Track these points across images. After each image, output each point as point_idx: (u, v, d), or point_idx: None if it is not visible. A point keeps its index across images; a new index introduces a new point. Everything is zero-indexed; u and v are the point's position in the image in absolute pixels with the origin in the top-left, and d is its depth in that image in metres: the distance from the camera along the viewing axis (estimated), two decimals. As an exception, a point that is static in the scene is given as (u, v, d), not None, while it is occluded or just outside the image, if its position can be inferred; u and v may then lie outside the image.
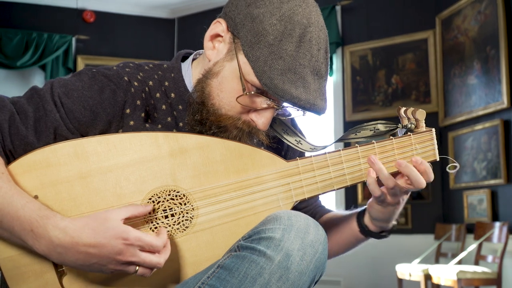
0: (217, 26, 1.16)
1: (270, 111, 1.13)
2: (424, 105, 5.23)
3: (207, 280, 0.98)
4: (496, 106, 4.40)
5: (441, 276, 4.02)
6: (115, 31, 6.56)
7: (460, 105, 4.87)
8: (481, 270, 3.93)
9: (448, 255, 4.68)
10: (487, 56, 4.57)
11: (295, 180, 1.13)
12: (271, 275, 0.95)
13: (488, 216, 4.50)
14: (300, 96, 1.07)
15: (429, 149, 1.17)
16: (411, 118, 1.20)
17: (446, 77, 5.12)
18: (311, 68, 1.09)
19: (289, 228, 0.98)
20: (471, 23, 4.80)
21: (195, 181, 1.10)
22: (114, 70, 1.14)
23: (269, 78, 1.06)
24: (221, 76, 1.13)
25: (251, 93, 1.10)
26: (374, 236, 1.26)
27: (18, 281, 1.04)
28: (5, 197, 0.97)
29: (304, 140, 1.25)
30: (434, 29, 5.27)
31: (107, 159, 1.07)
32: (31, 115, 1.06)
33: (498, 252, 4.07)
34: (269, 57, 1.06)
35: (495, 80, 4.45)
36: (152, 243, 0.97)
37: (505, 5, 4.41)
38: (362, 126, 1.22)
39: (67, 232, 0.95)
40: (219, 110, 1.13)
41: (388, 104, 5.43)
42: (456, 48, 4.99)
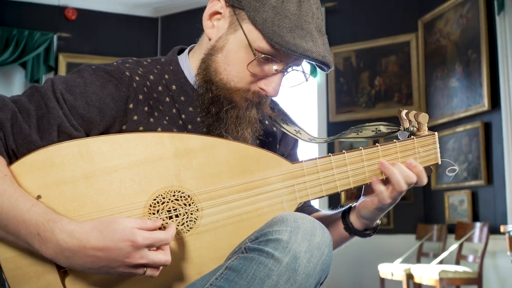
0: (215, 4, 1.17)
1: (278, 76, 1.15)
2: (407, 107, 5.30)
3: (216, 282, 0.98)
4: (477, 109, 4.48)
5: (423, 275, 4.07)
6: (97, 29, 6.49)
7: (442, 107, 4.95)
8: (462, 269, 4.00)
9: (430, 255, 4.75)
10: (468, 59, 4.65)
11: (300, 182, 1.14)
12: (279, 277, 0.95)
13: (468, 216, 4.58)
14: (312, 49, 1.10)
15: (432, 153, 1.19)
16: (412, 120, 1.22)
17: (428, 80, 5.19)
18: (315, 25, 1.13)
19: (296, 230, 0.99)
20: (453, 26, 4.87)
21: (200, 182, 1.10)
22: (114, 65, 1.14)
23: (280, 36, 1.08)
24: (226, 50, 1.14)
25: (261, 58, 1.11)
26: (359, 234, 1.26)
27: (20, 282, 1.03)
28: (10, 201, 0.95)
29: (303, 130, 1.27)
30: (417, 32, 5.34)
31: (112, 159, 1.06)
32: (34, 113, 1.04)
33: (478, 252, 4.14)
34: (276, 17, 1.09)
35: (476, 83, 4.53)
36: (161, 237, 0.97)
37: (486, 9, 4.49)
38: (364, 126, 1.23)
39: (74, 235, 0.94)
40: (228, 84, 1.14)
41: (371, 106, 5.48)
42: (438, 51, 5.06)
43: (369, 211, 1.20)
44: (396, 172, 1.14)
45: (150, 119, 1.14)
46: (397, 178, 1.14)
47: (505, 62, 4.26)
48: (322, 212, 1.36)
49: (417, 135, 1.20)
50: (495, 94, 4.38)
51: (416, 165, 1.16)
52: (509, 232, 3.50)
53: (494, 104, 4.37)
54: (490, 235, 4.09)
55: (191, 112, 1.19)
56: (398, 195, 1.15)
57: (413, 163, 1.16)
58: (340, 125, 5.57)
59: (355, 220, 1.24)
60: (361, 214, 1.22)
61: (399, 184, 1.14)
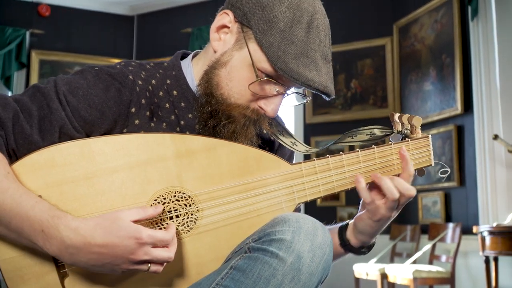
0: (224, 17, 1.17)
1: (279, 98, 1.16)
2: (381, 109, 5.39)
3: (221, 281, 0.99)
4: (450, 112, 4.59)
5: (397, 275, 4.14)
6: (71, 26, 6.40)
7: (416, 110, 5.04)
8: (435, 269, 4.08)
9: (403, 255, 4.83)
10: (442, 63, 4.76)
11: (298, 183, 1.15)
12: (284, 276, 0.97)
13: (441, 217, 4.68)
14: (314, 79, 1.11)
15: (425, 155, 1.22)
16: (405, 123, 1.25)
17: (403, 83, 5.29)
18: (321, 53, 1.13)
19: (298, 230, 1.00)
20: (428, 31, 4.98)
21: (200, 182, 1.10)
22: (117, 68, 1.13)
23: (284, 62, 1.09)
24: (230, 66, 1.14)
25: (263, 79, 1.12)
26: (354, 251, 1.26)
27: (19, 283, 1.02)
28: (14, 198, 0.94)
29: (299, 142, 1.28)
30: (392, 36, 5.44)
31: (113, 160, 1.06)
32: (35, 114, 1.04)
33: (451, 252, 4.24)
34: (282, 42, 1.10)
35: (449, 87, 4.63)
36: (164, 238, 0.98)
37: (460, 15, 4.60)
38: (359, 130, 1.26)
39: (79, 232, 0.94)
40: (228, 100, 1.15)
41: (347, 108, 5.55)
42: (412, 55, 5.16)
43: (365, 224, 1.19)
44: (387, 181, 1.14)
45: (151, 124, 1.14)
46: (388, 185, 1.13)
47: (478, 66, 4.37)
48: None
49: (411, 138, 1.23)
50: (468, 98, 4.49)
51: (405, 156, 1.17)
52: (482, 233, 3.60)
53: (467, 108, 4.48)
54: (462, 236, 4.18)
55: (190, 118, 1.19)
56: (393, 204, 1.14)
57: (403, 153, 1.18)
58: (317, 127, 5.63)
59: (352, 237, 1.24)
60: (358, 228, 1.21)
61: (391, 192, 1.13)
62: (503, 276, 3.96)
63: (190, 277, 1.10)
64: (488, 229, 3.53)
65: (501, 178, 4.17)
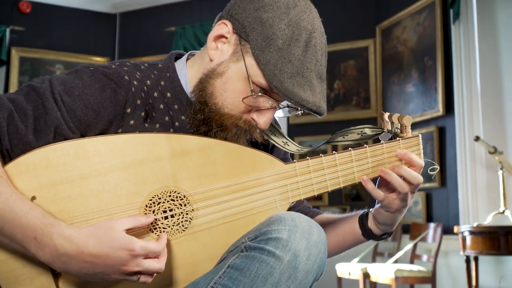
0: (222, 27, 1.17)
1: (271, 111, 1.17)
2: (364, 110, 5.44)
3: (219, 280, 0.99)
4: (432, 114, 4.65)
5: (379, 274, 4.18)
6: (52, 23, 6.32)
7: (398, 111, 5.09)
8: (416, 268, 4.13)
9: (385, 255, 4.88)
10: (424, 66, 4.82)
11: (292, 182, 1.16)
12: (281, 275, 0.97)
13: (423, 217, 4.74)
14: (308, 99, 1.12)
15: (416, 154, 1.23)
16: (395, 122, 1.26)
17: (385, 85, 5.34)
18: (316, 72, 1.14)
19: (294, 229, 1.01)
20: (410, 34, 5.04)
21: (195, 182, 1.10)
22: (113, 68, 1.12)
23: (280, 81, 1.10)
24: (225, 77, 1.14)
25: (258, 95, 1.12)
26: (376, 239, 1.30)
27: (13, 284, 1.01)
28: (7, 204, 0.93)
29: (290, 141, 1.29)
30: (375, 38, 5.49)
31: (108, 160, 1.05)
32: (31, 114, 1.02)
33: (432, 251, 4.29)
34: (279, 60, 1.10)
35: (431, 89, 4.70)
36: (156, 249, 0.97)
37: (442, 18, 4.67)
38: (350, 130, 1.27)
39: (72, 241, 0.93)
40: (221, 109, 1.15)
41: (330, 109, 5.58)
42: (395, 57, 5.22)
43: (384, 216, 1.23)
44: (395, 175, 1.17)
45: (145, 125, 1.14)
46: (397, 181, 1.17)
47: (459, 69, 4.44)
48: (331, 215, 1.39)
49: (401, 137, 1.25)
50: (449, 100, 4.55)
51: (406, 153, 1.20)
52: (462, 233, 3.65)
53: (448, 109, 4.55)
54: (443, 235, 4.24)
55: (184, 120, 1.20)
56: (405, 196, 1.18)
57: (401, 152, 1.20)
58: (300, 127, 5.65)
59: (374, 227, 1.27)
60: (379, 221, 1.25)
61: (402, 187, 1.17)
62: (483, 276, 4.03)
63: (184, 276, 1.10)
64: (469, 229, 3.59)
65: (482, 179, 4.24)
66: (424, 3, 4.85)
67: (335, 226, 1.32)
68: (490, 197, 4.19)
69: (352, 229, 1.29)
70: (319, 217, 1.39)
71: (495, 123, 4.24)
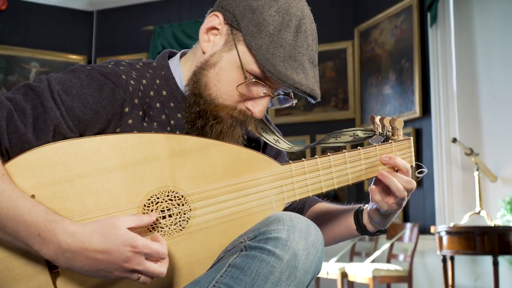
0: (213, 19, 1.19)
1: (266, 99, 1.18)
2: (342, 111, 5.50)
3: (221, 279, 1.00)
4: (409, 115, 4.73)
5: (357, 274, 4.23)
6: (28, 20, 6.21)
7: (376, 112, 5.17)
8: (393, 268, 4.19)
9: (362, 254, 4.94)
10: (402, 68, 4.90)
11: (288, 182, 1.18)
12: (281, 274, 0.99)
13: (399, 217, 4.82)
14: (301, 82, 1.14)
15: (407, 156, 1.26)
16: (387, 126, 1.29)
17: (363, 86, 5.41)
18: (308, 57, 1.17)
19: (292, 229, 1.03)
20: (388, 36, 5.11)
21: (193, 182, 1.11)
22: (110, 68, 1.12)
23: (272, 65, 1.12)
24: (218, 67, 1.16)
25: (251, 81, 1.14)
26: (370, 235, 1.32)
27: (10, 283, 1.01)
28: (10, 201, 0.93)
29: (282, 139, 1.31)
30: (353, 40, 5.55)
31: (108, 159, 1.05)
32: (30, 113, 1.02)
33: (408, 251, 4.36)
34: (271, 45, 1.12)
35: (408, 91, 4.78)
36: (159, 250, 0.98)
37: (420, 21, 4.75)
38: (342, 132, 1.29)
39: (76, 237, 0.94)
40: (216, 100, 1.16)
41: (309, 109, 5.63)
42: (373, 59, 5.29)
43: (379, 217, 1.25)
44: (395, 180, 1.18)
45: (143, 124, 1.15)
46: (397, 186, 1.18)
47: (436, 71, 4.53)
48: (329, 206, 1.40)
49: (393, 139, 1.27)
50: (426, 102, 4.64)
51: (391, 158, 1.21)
52: (439, 233, 3.73)
53: (425, 111, 4.64)
54: (419, 235, 4.32)
55: (179, 118, 1.21)
56: (401, 201, 1.20)
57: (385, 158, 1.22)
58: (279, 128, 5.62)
59: (368, 224, 1.29)
60: (373, 220, 1.27)
61: (400, 192, 1.18)
62: (459, 275, 4.12)
63: (181, 275, 1.11)
64: (445, 229, 3.67)
65: (457, 180, 4.33)
66: (401, 6, 4.93)
67: (332, 217, 1.34)
68: (465, 198, 4.29)
69: (347, 223, 1.31)
70: (319, 205, 1.40)
71: (471, 125, 4.34)
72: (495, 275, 3.43)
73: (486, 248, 3.44)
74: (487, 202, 4.12)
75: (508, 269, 3.87)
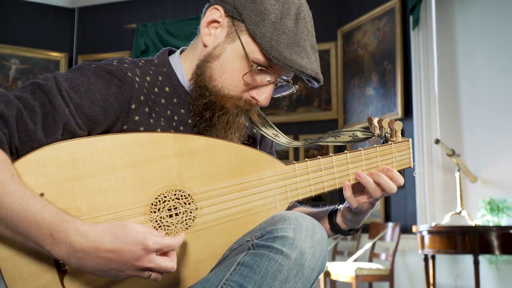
0: (214, 12, 1.21)
1: (270, 87, 1.21)
2: (326, 112, 5.54)
3: (231, 277, 1.01)
4: (391, 116, 4.79)
5: (340, 273, 4.28)
6: (8, 17, 6.11)
7: (358, 113, 5.23)
8: (375, 267, 4.25)
9: (344, 253, 5.00)
10: (384, 70, 4.97)
11: (292, 182, 1.20)
12: (289, 271, 1.01)
13: (381, 217, 4.88)
14: (306, 66, 1.17)
15: (406, 157, 1.30)
16: (385, 127, 1.32)
17: (346, 87, 5.47)
18: (309, 42, 1.21)
19: (299, 227, 1.05)
20: (371, 38, 5.18)
21: (200, 181, 1.12)
22: (115, 65, 1.13)
23: (278, 51, 1.15)
24: (222, 58, 1.19)
25: (256, 69, 1.17)
26: (344, 234, 1.36)
27: (18, 281, 1.00)
28: (21, 202, 0.93)
29: (281, 134, 1.34)
30: (336, 41, 5.61)
31: (117, 158, 1.06)
32: (39, 111, 1.02)
33: (390, 250, 4.43)
34: (274, 33, 1.15)
35: (391, 93, 4.84)
36: (169, 243, 0.99)
37: (402, 24, 4.83)
38: (342, 132, 1.32)
39: (88, 237, 0.94)
40: (221, 91, 1.19)
41: (293, 110, 5.67)
42: (356, 61, 5.35)
43: (352, 216, 1.29)
44: (371, 181, 1.22)
45: (150, 120, 1.16)
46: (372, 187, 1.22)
47: (418, 73, 4.60)
48: (307, 209, 1.45)
49: (391, 141, 1.30)
50: (408, 103, 4.71)
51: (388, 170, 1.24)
52: (421, 232, 3.79)
53: (407, 112, 4.71)
54: (401, 235, 4.38)
55: (183, 114, 1.22)
56: (374, 200, 1.25)
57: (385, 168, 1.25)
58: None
59: (342, 223, 1.33)
60: (347, 218, 1.31)
61: (374, 192, 1.22)
62: (440, 274, 4.20)
63: (187, 274, 1.12)
64: (427, 228, 3.73)
65: (438, 180, 4.41)
66: (384, 9, 4.99)
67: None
68: (446, 198, 4.37)
69: (322, 221, 1.35)
70: (297, 209, 1.44)
71: (452, 127, 4.42)
72: (476, 274, 3.51)
73: (467, 248, 3.50)
74: (467, 202, 4.21)
75: (488, 268, 3.97)
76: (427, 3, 4.61)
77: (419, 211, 4.49)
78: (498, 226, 3.51)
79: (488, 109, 4.20)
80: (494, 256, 3.89)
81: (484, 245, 3.46)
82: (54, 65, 6.20)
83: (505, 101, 4.10)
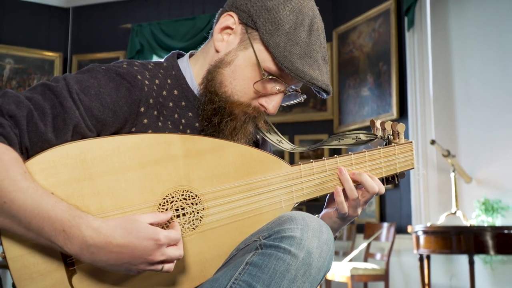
0: (228, 19, 1.22)
1: (279, 96, 1.23)
2: (321, 112, 5.56)
3: (240, 277, 1.03)
4: (386, 117, 4.82)
5: (335, 273, 4.30)
6: (3, 16, 6.09)
7: (354, 114, 5.26)
8: (370, 267, 4.28)
9: (340, 253, 5.02)
10: (379, 71, 4.99)
11: (297, 183, 1.21)
12: (297, 271, 1.02)
13: (376, 217, 4.91)
14: (318, 78, 1.19)
15: (409, 159, 1.31)
16: (388, 129, 1.34)
17: (342, 88, 5.49)
18: (321, 54, 1.22)
19: (306, 228, 1.06)
20: (366, 39, 5.20)
21: (207, 182, 1.13)
22: (125, 68, 1.14)
23: (290, 62, 1.16)
24: (234, 65, 1.20)
25: (267, 78, 1.18)
26: None
27: (27, 281, 1.01)
28: (34, 198, 0.94)
29: (284, 140, 1.35)
30: (331, 42, 5.63)
31: (126, 159, 1.07)
32: (49, 112, 1.03)
33: (385, 250, 4.46)
34: (288, 43, 1.17)
35: (386, 93, 4.87)
36: (176, 237, 1.01)
37: (397, 25, 4.86)
38: (345, 134, 1.33)
39: (100, 232, 0.95)
40: (231, 97, 1.20)
41: (288, 110, 5.68)
42: (351, 62, 5.38)
43: (333, 221, 1.27)
44: (349, 180, 1.22)
45: (158, 123, 1.17)
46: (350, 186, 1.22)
47: (413, 74, 4.63)
48: None
49: (395, 143, 1.32)
50: (403, 104, 4.75)
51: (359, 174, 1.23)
52: (416, 232, 3.82)
53: (402, 113, 4.74)
54: (396, 235, 4.41)
55: (190, 117, 1.23)
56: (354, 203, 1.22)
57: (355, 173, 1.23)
58: (257, 128, 5.70)
59: None
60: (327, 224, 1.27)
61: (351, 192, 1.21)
62: (435, 274, 4.23)
63: (193, 274, 1.13)
64: (422, 228, 3.76)
65: (433, 181, 4.44)
66: (379, 10, 5.02)
67: None
68: (441, 198, 4.40)
69: None
70: None
71: (447, 127, 4.46)
72: (471, 274, 3.54)
73: (462, 248, 3.53)
74: (462, 203, 4.24)
75: (483, 267, 4.00)
76: (422, 4, 4.64)
77: (414, 211, 4.52)
78: (493, 226, 3.54)
79: (483, 110, 4.23)
80: (489, 256, 3.93)
81: (479, 245, 3.49)
82: (48, 64, 6.18)
83: (500, 102, 4.13)
